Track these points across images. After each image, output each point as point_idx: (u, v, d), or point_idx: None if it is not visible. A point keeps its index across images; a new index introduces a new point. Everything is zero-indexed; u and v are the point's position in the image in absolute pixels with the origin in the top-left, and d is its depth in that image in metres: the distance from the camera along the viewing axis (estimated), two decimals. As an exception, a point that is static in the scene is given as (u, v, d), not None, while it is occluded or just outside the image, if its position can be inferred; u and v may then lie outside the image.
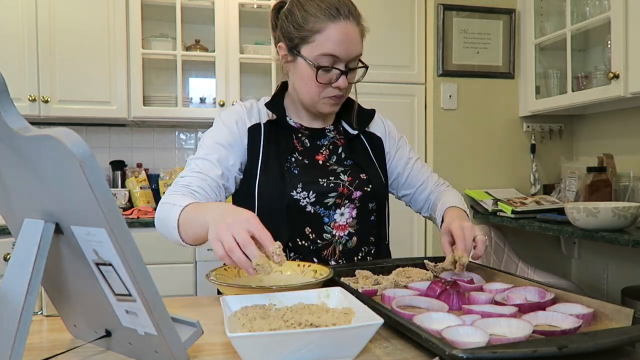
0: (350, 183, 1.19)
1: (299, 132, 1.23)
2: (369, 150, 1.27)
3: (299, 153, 1.20)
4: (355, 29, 1.11)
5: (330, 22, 1.08)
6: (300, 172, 1.17)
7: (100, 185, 0.50)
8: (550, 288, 0.86)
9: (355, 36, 1.11)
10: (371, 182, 1.21)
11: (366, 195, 1.20)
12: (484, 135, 2.74)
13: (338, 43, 1.09)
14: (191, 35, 2.89)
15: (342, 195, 1.18)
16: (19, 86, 2.49)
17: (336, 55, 1.09)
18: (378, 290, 0.92)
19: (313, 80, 1.12)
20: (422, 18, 2.73)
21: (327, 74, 1.12)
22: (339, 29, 1.08)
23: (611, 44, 2.10)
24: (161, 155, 3.05)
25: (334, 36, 1.08)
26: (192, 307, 0.95)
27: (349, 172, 1.20)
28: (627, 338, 0.62)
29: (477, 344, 0.60)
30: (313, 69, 1.11)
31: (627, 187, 2.26)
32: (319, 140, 1.24)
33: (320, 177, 1.17)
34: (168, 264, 2.41)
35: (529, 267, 2.60)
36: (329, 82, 1.13)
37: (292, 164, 1.18)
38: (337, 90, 1.14)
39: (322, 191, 1.16)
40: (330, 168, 1.20)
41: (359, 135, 1.28)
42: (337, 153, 1.24)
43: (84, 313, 0.71)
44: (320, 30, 1.09)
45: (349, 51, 1.10)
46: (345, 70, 1.12)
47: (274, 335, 0.61)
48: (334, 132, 1.27)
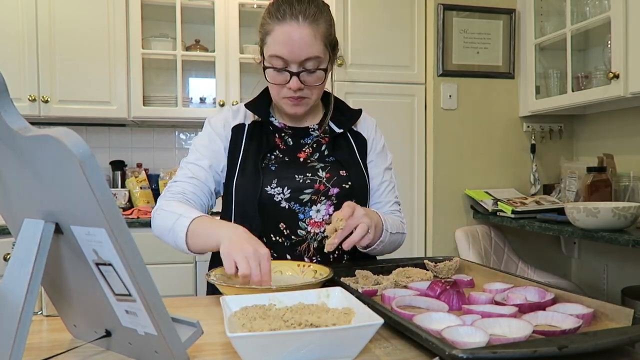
0: (327, 179, 1.19)
1: (282, 131, 1.25)
2: (354, 148, 1.27)
3: (280, 151, 1.22)
4: (306, 30, 1.09)
5: (276, 24, 1.10)
6: (277, 169, 1.18)
7: (100, 185, 0.50)
8: (550, 288, 0.86)
9: (304, 37, 1.09)
10: (351, 179, 1.20)
11: (344, 192, 1.19)
12: (484, 135, 2.74)
13: (282, 44, 1.09)
14: (191, 35, 2.89)
15: (319, 191, 1.18)
16: (19, 86, 2.49)
17: (282, 57, 1.10)
18: (378, 290, 0.92)
19: (270, 82, 1.16)
20: (422, 18, 2.73)
21: (280, 75, 1.13)
22: (283, 31, 1.09)
23: (611, 44, 2.10)
24: (161, 155, 3.05)
25: (278, 37, 1.10)
26: (192, 307, 0.95)
27: (328, 169, 1.20)
28: (627, 338, 0.62)
29: (477, 344, 0.60)
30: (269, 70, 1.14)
31: (627, 187, 2.26)
32: (303, 139, 1.25)
33: (296, 174, 1.18)
34: (168, 264, 2.41)
35: (529, 267, 2.60)
36: (283, 83, 1.14)
37: (270, 160, 1.19)
38: (292, 92, 1.14)
39: (298, 187, 1.16)
40: (310, 165, 1.21)
41: (344, 134, 1.27)
42: (320, 150, 1.24)
43: (84, 313, 0.71)
44: (269, 32, 1.12)
45: (295, 53, 1.09)
46: (297, 72, 1.11)
47: (274, 335, 0.61)
48: (319, 131, 1.27)
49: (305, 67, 1.12)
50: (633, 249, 2.11)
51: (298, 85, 1.12)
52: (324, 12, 1.13)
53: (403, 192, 2.68)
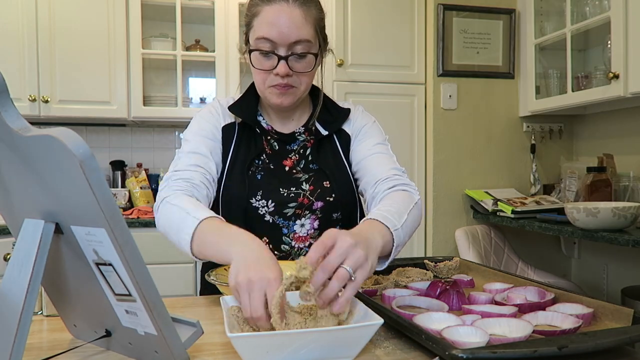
0: (311, 193, 1.13)
1: (269, 134, 1.18)
2: (340, 151, 1.19)
3: (267, 156, 1.16)
4: (296, 10, 1.03)
5: (265, 5, 1.04)
6: (263, 179, 1.13)
7: (100, 185, 0.50)
8: (550, 288, 0.86)
9: (294, 18, 1.03)
10: (334, 192, 1.13)
11: (329, 206, 1.13)
12: (484, 135, 2.74)
13: (270, 25, 1.03)
14: (191, 35, 2.89)
15: (303, 205, 1.12)
16: (19, 86, 2.49)
17: (270, 39, 1.03)
18: (378, 290, 0.92)
19: (256, 67, 1.08)
20: (422, 18, 2.73)
21: (267, 60, 1.06)
22: (273, 11, 1.03)
23: (611, 44, 2.10)
24: (161, 155, 3.05)
25: (266, 18, 1.03)
26: (192, 307, 0.95)
27: (312, 180, 1.14)
28: (627, 338, 0.62)
29: (477, 344, 0.60)
30: (255, 55, 1.07)
31: (627, 187, 2.26)
32: (289, 145, 1.19)
33: (281, 187, 1.12)
34: (168, 264, 2.41)
35: (529, 267, 2.60)
36: (269, 69, 1.06)
37: (257, 167, 1.14)
38: (279, 78, 1.06)
39: (282, 201, 1.11)
40: (295, 176, 1.15)
41: (331, 136, 1.20)
42: (305, 156, 1.18)
43: (84, 313, 0.71)
44: (257, 13, 1.05)
45: (284, 35, 1.02)
46: (285, 55, 1.04)
47: (274, 335, 0.61)
48: (305, 134, 1.20)
49: (294, 51, 1.05)
50: (633, 249, 2.11)
51: (286, 71, 1.05)
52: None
53: (403, 192, 2.68)
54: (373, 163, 1.14)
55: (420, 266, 1.11)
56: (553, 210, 2.35)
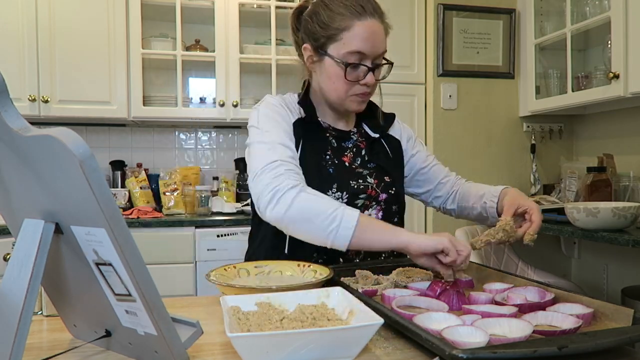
0: (377, 185, 1.21)
1: (328, 131, 1.24)
2: (389, 152, 1.29)
3: (331, 153, 1.22)
4: (380, 26, 1.13)
5: (357, 20, 1.10)
6: (335, 172, 1.18)
7: (100, 185, 0.50)
8: (550, 288, 0.86)
9: (380, 33, 1.13)
10: (394, 185, 1.23)
11: (390, 198, 1.22)
12: (484, 135, 2.74)
13: (365, 40, 1.10)
14: (191, 35, 2.89)
15: (371, 197, 1.20)
16: (19, 86, 2.49)
17: (363, 52, 1.11)
18: (378, 290, 0.92)
19: (341, 78, 1.13)
20: (422, 18, 2.73)
21: (355, 71, 1.13)
22: (366, 26, 1.10)
23: (611, 44, 2.10)
24: (161, 155, 3.05)
25: (360, 33, 1.10)
26: (192, 307, 0.95)
27: (374, 175, 1.22)
28: (627, 338, 0.62)
29: (477, 344, 0.60)
30: (341, 67, 1.12)
31: (627, 187, 2.26)
32: (344, 142, 1.26)
33: (351, 179, 1.19)
34: (168, 264, 2.41)
35: (529, 267, 2.60)
36: (356, 80, 1.14)
37: (327, 162, 1.19)
38: (365, 88, 1.15)
39: (354, 192, 1.18)
40: (357, 170, 1.22)
41: (379, 139, 1.29)
42: (360, 155, 1.25)
43: (84, 313, 0.71)
44: (347, 27, 1.11)
45: (376, 48, 1.12)
46: (372, 67, 1.14)
47: (274, 335, 0.61)
48: (357, 134, 1.28)
49: (378, 62, 1.15)
50: (633, 249, 2.10)
51: (374, 80, 1.15)
52: None
53: (403, 192, 2.68)
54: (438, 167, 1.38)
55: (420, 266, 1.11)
56: (553, 210, 2.35)
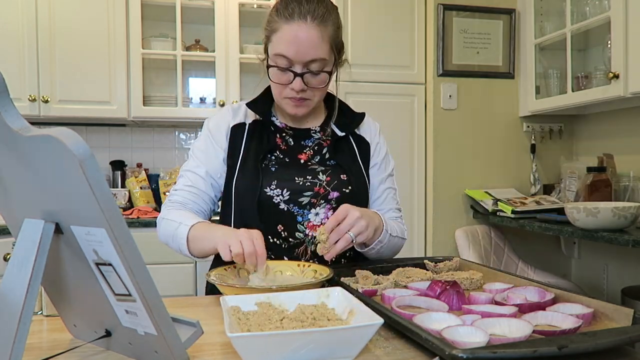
0: (327, 183, 1.18)
1: (284, 131, 1.24)
2: (356, 152, 1.25)
3: (281, 152, 1.21)
4: (314, 30, 1.07)
5: (284, 23, 1.08)
6: (277, 170, 1.17)
7: (100, 185, 0.50)
8: (550, 288, 0.86)
9: (311, 38, 1.07)
10: (351, 184, 1.19)
11: (344, 197, 1.17)
12: (484, 135, 2.74)
13: (288, 44, 1.08)
14: (191, 35, 2.89)
15: (318, 194, 1.16)
16: (19, 86, 2.49)
17: (287, 57, 1.08)
18: (378, 290, 0.92)
19: (273, 81, 1.14)
20: (422, 18, 2.73)
21: (283, 74, 1.12)
22: (290, 30, 1.07)
23: (611, 44, 2.10)
24: (161, 155, 3.05)
25: (284, 37, 1.08)
26: (192, 307, 0.95)
27: (329, 172, 1.19)
28: (627, 338, 0.62)
29: (477, 344, 0.60)
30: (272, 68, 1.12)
31: (627, 187, 2.26)
32: (304, 141, 1.24)
33: (297, 175, 1.17)
34: (168, 264, 2.41)
35: (529, 267, 2.60)
36: (286, 83, 1.12)
37: (270, 161, 1.19)
38: (294, 92, 1.12)
39: (297, 189, 1.15)
40: (311, 167, 1.20)
41: (347, 137, 1.26)
42: (321, 153, 1.23)
43: (84, 313, 0.71)
44: (276, 30, 1.10)
45: (301, 53, 1.08)
46: (301, 72, 1.10)
47: (274, 335, 0.61)
48: (320, 133, 1.26)
49: (310, 68, 1.10)
50: (633, 249, 2.11)
51: (301, 87, 1.11)
52: (333, 13, 1.12)
53: (403, 193, 2.68)
54: (382, 199, 1.28)
55: (420, 266, 1.11)
56: (553, 210, 2.35)
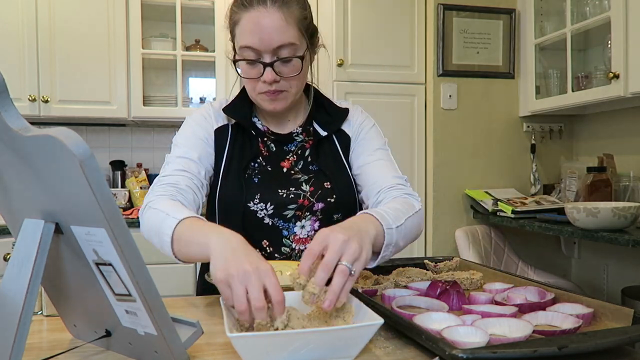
0: (311, 194, 1.10)
1: (265, 135, 1.16)
2: (340, 151, 1.17)
3: (264, 158, 1.14)
4: (276, 14, 0.99)
5: (244, 12, 1.01)
6: (260, 181, 1.10)
7: (100, 185, 0.50)
8: (550, 288, 0.86)
9: (274, 22, 0.99)
10: (335, 192, 1.11)
11: (330, 207, 1.11)
12: (484, 135, 2.74)
13: (251, 33, 1.00)
14: (191, 35, 2.89)
15: (303, 207, 1.10)
16: (19, 86, 2.49)
17: (253, 47, 1.01)
18: (378, 290, 0.92)
19: (243, 76, 1.06)
20: (422, 18, 2.73)
21: (253, 68, 1.04)
22: (251, 17, 1.00)
23: (611, 44, 2.10)
24: (161, 155, 3.04)
25: (246, 26, 1.01)
26: (192, 307, 0.95)
27: (312, 181, 1.12)
28: (627, 338, 0.62)
29: (477, 344, 0.60)
30: (239, 64, 1.05)
31: (627, 187, 2.26)
32: (286, 146, 1.16)
33: (280, 188, 1.10)
34: (168, 264, 2.40)
35: (529, 267, 2.60)
36: (257, 77, 1.04)
37: (253, 170, 1.12)
38: (268, 85, 1.04)
39: (281, 203, 1.09)
40: (294, 177, 1.12)
41: (330, 136, 1.17)
42: (303, 157, 1.15)
43: (84, 313, 0.71)
44: (237, 21, 1.03)
45: (265, 40, 0.99)
46: (270, 62, 1.01)
47: (274, 335, 0.61)
48: (303, 134, 1.17)
49: (279, 55, 1.01)
50: (633, 249, 2.11)
51: (273, 77, 1.02)
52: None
53: (403, 192, 2.68)
54: (375, 171, 1.12)
55: (420, 266, 1.11)
56: (553, 210, 2.35)
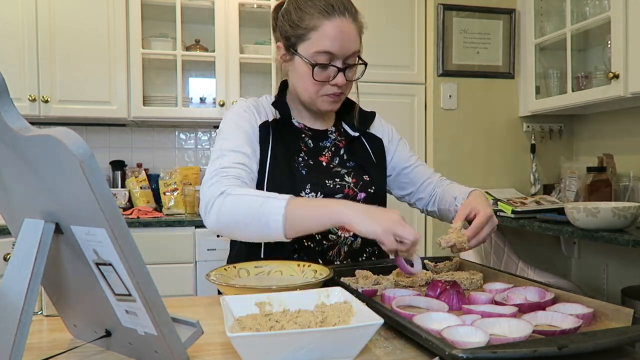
0: (354, 184, 1.20)
1: (303, 132, 1.24)
2: (370, 151, 1.28)
3: (305, 153, 1.21)
4: (351, 25, 1.10)
5: (325, 19, 1.09)
6: (308, 173, 1.17)
7: (100, 185, 0.50)
8: (550, 288, 0.86)
9: (351, 32, 1.10)
10: (374, 184, 1.22)
11: (370, 197, 1.20)
12: (484, 135, 2.74)
13: (333, 40, 1.09)
14: (191, 35, 2.89)
15: (348, 196, 1.18)
16: (19, 86, 2.49)
17: (332, 52, 1.09)
18: (378, 290, 0.92)
19: (310, 78, 1.12)
20: (422, 18, 2.73)
21: (324, 71, 1.12)
22: (334, 26, 1.08)
23: (611, 44, 2.10)
24: (161, 155, 3.05)
25: (328, 33, 1.09)
26: (192, 307, 0.95)
27: (352, 174, 1.21)
28: (627, 338, 0.62)
29: (477, 344, 0.60)
30: (309, 67, 1.11)
31: (627, 187, 2.26)
32: (322, 142, 1.25)
33: (326, 179, 1.18)
34: (168, 264, 2.41)
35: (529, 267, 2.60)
36: (326, 80, 1.13)
37: (299, 164, 1.18)
38: (336, 88, 1.14)
39: (329, 192, 1.16)
40: (334, 170, 1.21)
41: (359, 137, 1.28)
42: (339, 155, 1.24)
43: (84, 313, 0.71)
44: (315, 27, 1.09)
45: (345, 48, 1.10)
46: (343, 67, 1.12)
47: (274, 335, 0.62)
48: (335, 133, 1.27)
49: (349, 62, 1.12)
50: (633, 249, 2.10)
51: (344, 81, 1.12)
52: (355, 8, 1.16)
53: (403, 192, 2.68)
54: (422, 171, 1.34)
55: (420, 266, 1.11)
56: (553, 210, 2.35)
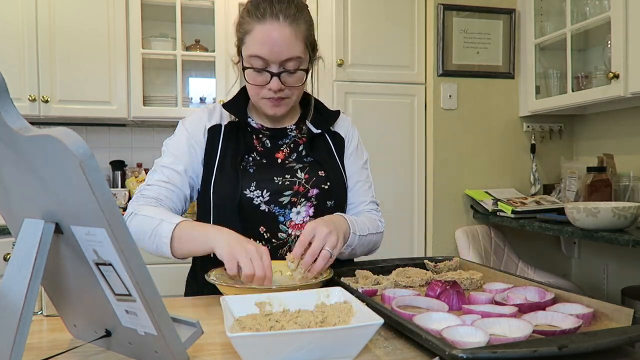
0: (306, 181, 1.17)
1: (260, 132, 1.23)
2: (332, 148, 1.25)
3: (258, 153, 1.20)
4: (287, 29, 1.07)
5: (256, 24, 1.08)
6: (256, 171, 1.16)
7: (100, 185, 0.50)
8: (550, 288, 0.86)
9: (285, 37, 1.07)
10: (329, 180, 1.19)
11: (324, 193, 1.18)
12: (484, 135, 2.74)
13: (262, 44, 1.07)
14: (191, 35, 2.89)
15: (298, 193, 1.16)
16: (19, 86, 2.49)
17: (263, 57, 1.08)
18: (378, 290, 0.92)
19: (250, 82, 1.13)
20: (422, 18, 2.73)
21: (260, 75, 1.11)
22: (264, 30, 1.07)
23: (611, 44, 2.10)
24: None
25: (258, 37, 1.08)
26: (192, 307, 0.95)
27: (306, 170, 1.19)
28: (627, 338, 0.62)
29: (477, 344, 0.60)
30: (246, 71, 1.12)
31: (627, 187, 2.26)
32: (280, 140, 1.23)
33: (275, 175, 1.16)
34: (168, 264, 2.41)
35: (529, 267, 2.60)
36: (263, 84, 1.12)
37: (248, 162, 1.17)
38: (272, 93, 1.12)
39: (277, 189, 1.15)
40: (288, 166, 1.19)
41: (322, 134, 1.26)
42: (297, 151, 1.23)
43: (84, 313, 0.71)
44: (249, 31, 1.10)
45: (275, 53, 1.08)
46: (278, 72, 1.10)
47: (274, 335, 0.62)
48: (296, 131, 1.25)
49: (286, 67, 1.10)
50: (633, 249, 2.10)
51: (279, 86, 1.11)
52: (304, 12, 1.12)
53: (403, 192, 2.68)
54: (360, 190, 1.27)
55: (420, 266, 1.11)
56: (553, 210, 2.35)
